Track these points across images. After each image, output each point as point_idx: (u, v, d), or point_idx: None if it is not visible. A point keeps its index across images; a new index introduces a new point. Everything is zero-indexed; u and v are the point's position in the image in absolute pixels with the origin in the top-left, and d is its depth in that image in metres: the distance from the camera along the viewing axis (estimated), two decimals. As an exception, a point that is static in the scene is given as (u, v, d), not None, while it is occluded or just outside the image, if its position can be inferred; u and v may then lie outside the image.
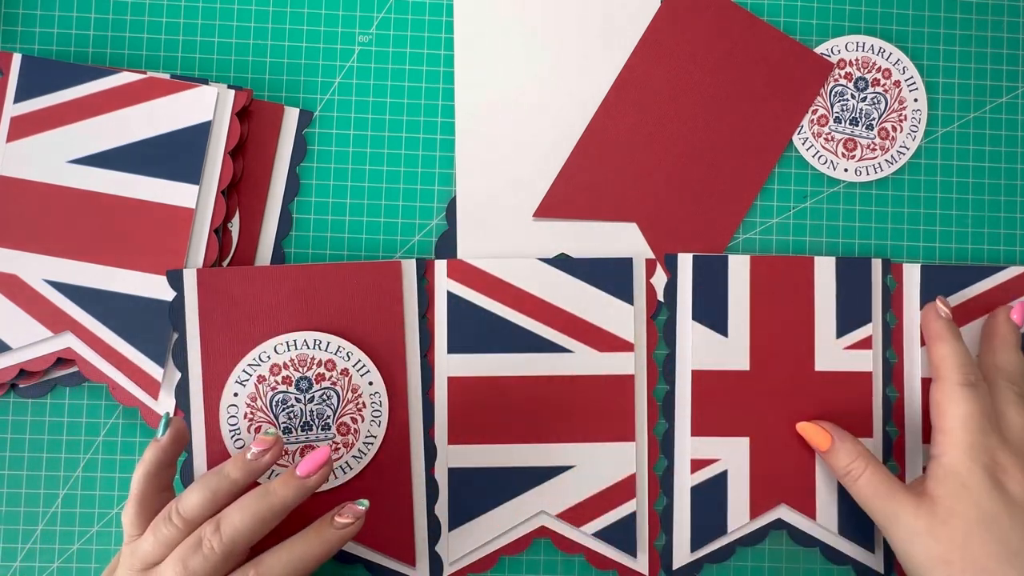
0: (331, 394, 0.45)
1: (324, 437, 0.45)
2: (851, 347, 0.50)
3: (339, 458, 0.45)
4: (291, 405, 0.45)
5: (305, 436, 0.45)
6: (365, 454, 0.46)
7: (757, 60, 0.52)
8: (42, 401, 0.49)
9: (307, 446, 0.45)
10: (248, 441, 0.45)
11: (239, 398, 0.45)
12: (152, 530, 0.39)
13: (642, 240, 0.51)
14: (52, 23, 0.50)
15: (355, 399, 0.45)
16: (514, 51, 0.51)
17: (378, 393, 0.46)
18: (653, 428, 0.50)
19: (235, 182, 0.49)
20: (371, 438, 0.46)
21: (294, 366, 0.45)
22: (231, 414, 0.45)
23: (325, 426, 0.45)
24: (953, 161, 0.54)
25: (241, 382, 0.45)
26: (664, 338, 0.51)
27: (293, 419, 0.45)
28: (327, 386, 0.45)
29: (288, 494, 0.39)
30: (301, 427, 0.45)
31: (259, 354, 0.45)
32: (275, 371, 0.45)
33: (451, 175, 0.51)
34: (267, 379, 0.45)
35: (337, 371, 0.45)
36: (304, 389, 0.45)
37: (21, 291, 0.47)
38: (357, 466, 0.46)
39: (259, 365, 0.45)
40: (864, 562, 0.50)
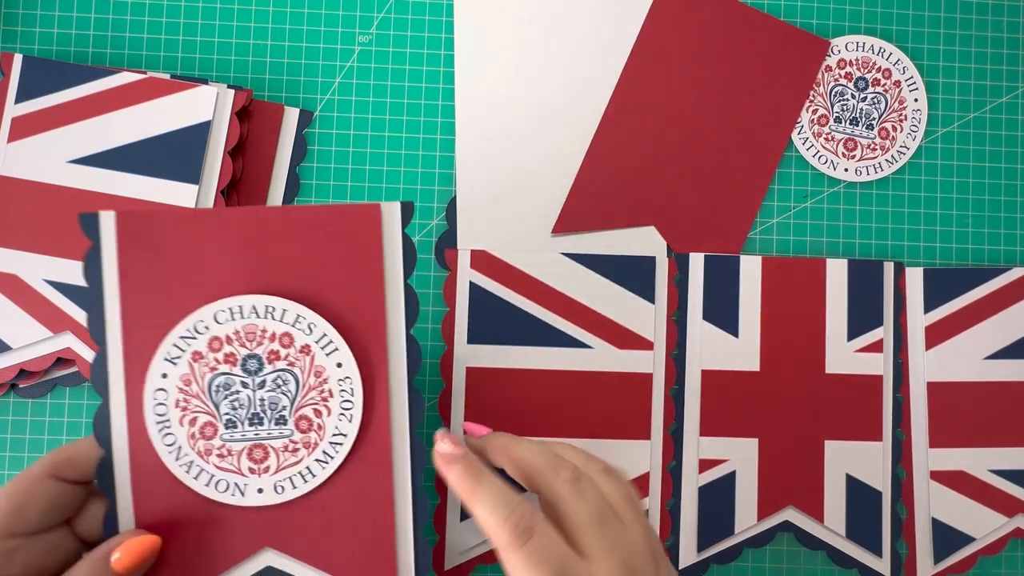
0: (287, 378, 0.35)
1: (279, 433, 0.35)
2: (862, 350, 0.50)
3: (298, 462, 0.35)
4: (235, 391, 0.35)
5: (254, 432, 0.35)
6: (332, 457, 0.35)
7: (754, 48, 0.52)
8: (42, 401, 0.49)
9: (256, 445, 0.35)
10: (181, 438, 0.34)
11: (169, 380, 0.34)
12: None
13: (644, 240, 0.51)
14: (52, 23, 0.50)
15: (319, 385, 0.35)
16: (514, 51, 0.51)
17: (350, 378, 0.35)
18: (669, 428, 0.50)
19: (235, 182, 0.49)
20: (340, 437, 0.35)
21: (239, 340, 0.35)
22: (158, 400, 0.34)
23: (280, 419, 0.35)
24: (953, 161, 0.54)
25: (171, 359, 0.34)
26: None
27: (239, 409, 0.35)
28: (283, 367, 0.35)
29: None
30: (249, 420, 0.35)
31: (194, 324, 0.35)
32: (215, 346, 0.35)
33: (451, 175, 0.51)
34: (205, 356, 0.35)
35: (295, 348, 0.35)
36: (253, 371, 0.35)
37: (21, 291, 0.47)
38: (322, 473, 0.35)
39: (194, 338, 0.35)
40: (871, 566, 0.50)
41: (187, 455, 0.35)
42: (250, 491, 0.35)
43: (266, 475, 0.35)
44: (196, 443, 0.35)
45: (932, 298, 0.51)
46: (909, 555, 0.50)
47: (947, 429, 0.51)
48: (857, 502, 0.49)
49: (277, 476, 0.35)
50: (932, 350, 0.51)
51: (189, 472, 0.35)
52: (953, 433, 0.51)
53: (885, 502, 0.50)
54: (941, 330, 0.51)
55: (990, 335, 0.51)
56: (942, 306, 0.51)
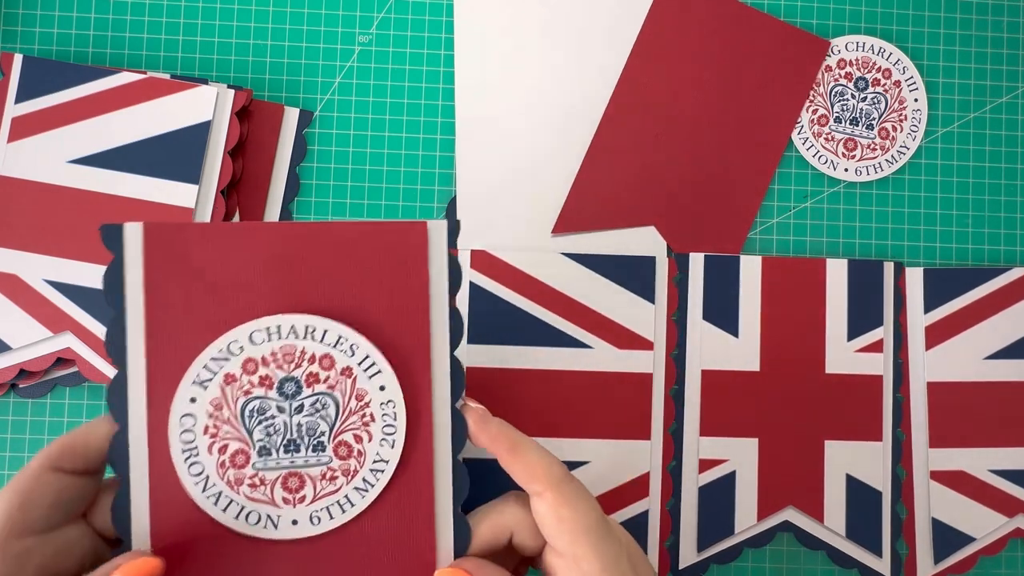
0: (327, 402, 0.33)
1: (316, 461, 0.33)
2: (862, 350, 0.50)
3: (337, 491, 0.33)
4: (271, 416, 0.33)
5: (289, 460, 0.33)
6: (373, 486, 0.33)
7: (754, 48, 0.52)
8: (42, 401, 0.49)
9: (291, 473, 0.33)
10: (209, 467, 0.32)
11: (197, 405, 0.32)
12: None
13: (644, 240, 0.51)
14: (52, 23, 0.50)
15: (360, 409, 0.33)
16: (514, 51, 0.51)
17: (392, 402, 0.33)
18: (669, 428, 0.50)
19: (235, 182, 0.49)
20: (381, 464, 0.33)
21: (276, 362, 0.33)
22: (186, 427, 0.32)
23: (318, 445, 0.33)
24: (953, 161, 0.54)
25: (202, 383, 0.32)
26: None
27: (274, 435, 0.33)
28: (322, 391, 0.33)
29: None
30: (284, 447, 0.33)
31: (227, 344, 0.32)
32: (249, 368, 0.32)
33: (451, 175, 0.51)
34: (238, 379, 0.32)
35: (337, 370, 0.33)
36: (290, 394, 0.33)
37: (21, 291, 0.47)
38: (361, 502, 0.33)
39: (227, 360, 0.32)
40: (871, 566, 0.50)
41: (215, 485, 0.32)
42: (284, 523, 0.33)
43: (301, 505, 0.33)
44: (226, 472, 0.32)
45: (932, 298, 0.51)
46: (909, 555, 0.50)
47: (947, 429, 0.51)
48: (857, 502, 0.49)
49: (313, 506, 0.33)
50: (932, 350, 0.51)
51: (217, 504, 0.32)
52: (953, 433, 0.51)
53: (885, 502, 0.50)
54: (941, 330, 0.51)
55: (990, 335, 0.51)
56: (942, 306, 0.51)
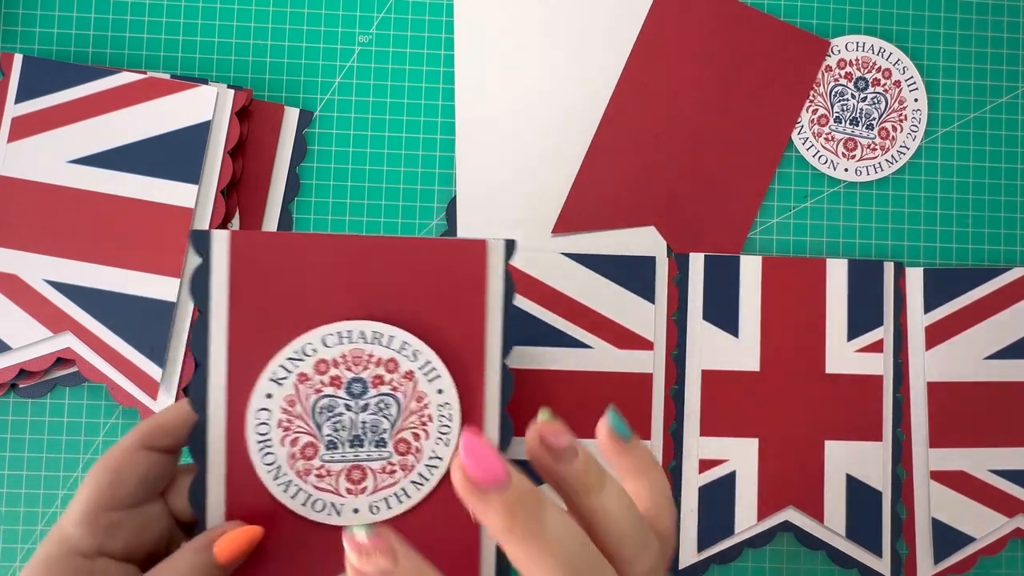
0: (390, 402, 0.36)
1: (378, 455, 0.36)
2: (862, 350, 0.50)
3: (395, 483, 0.36)
4: (339, 413, 0.36)
5: (354, 453, 0.36)
6: (428, 480, 0.36)
7: (754, 48, 0.52)
8: (42, 401, 0.49)
9: (354, 466, 0.36)
10: (281, 458, 0.35)
11: (273, 401, 0.35)
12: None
13: (644, 240, 0.51)
14: (52, 23, 0.50)
15: (420, 410, 0.36)
16: (514, 51, 0.51)
17: (448, 404, 0.36)
18: (669, 428, 0.50)
19: (235, 182, 0.49)
20: (436, 460, 0.36)
21: (346, 364, 0.36)
22: (261, 420, 0.35)
23: (380, 442, 0.36)
24: (953, 161, 0.54)
25: (277, 380, 0.35)
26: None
27: (341, 431, 0.36)
28: (386, 391, 0.36)
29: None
30: (350, 442, 0.36)
31: (303, 346, 0.35)
32: (321, 368, 0.35)
33: (451, 175, 0.51)
34: (311, 378, 0.35)
35: (400, 373, 0.36)
36: (357, 394, 0.36)
37: (21, 291, 0.47)
38: (416, 495, 0.36)
39: (302, 360, 0.35)
40: (871, 566, 0.50)
41: (286, 475, 0.35)
42: (346, 511, 0.35)
43: (363, 495, 0.35)
44: (296, 463, 0.35)
45: (932, 298, 0.51)
46: (909, 555, 0.50)
47: (947, 429, 0.51)
48: (857, 502, 0.49)
49: (373, 496, 0.36)
50: (932, 350, 0.51)
51: (287, 492, 0.35)
52: (953, 433, 0.51)
53: (885, 502, 0.50)
54: (941, 330, 0.51)
55: (990, 335, 0.51)
56: (942, 306, 0.51)
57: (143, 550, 0.34)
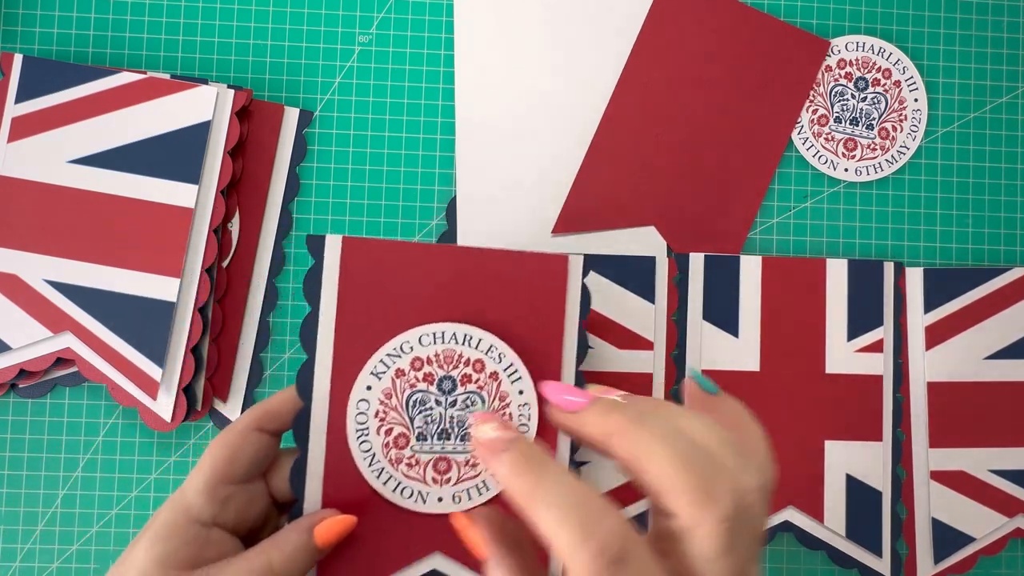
0: (476, 399, 0.39)
1: (462, 449, 0.39)
2: (862, 350, 0.50)
3: (476, 476, 0.39)
4: (429, 407, 0.39)
5: (441, 446, 0.39)
6: None
7: (754, 48, 0.52)
8: (42, 401, 0.49)
9: (441, 457, 0.39)
10: (376, 446, 0.38)
11: (372, 392, 0.38)
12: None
13: (644, 240, 0.51)
14: (52, 23, 0.50)
15: (501, 409, 0.39)
16: (514, 51, 0.51)
17: (528, 404, 0.39)
18: None
19: (235, 182, 0.49)
20: None
21: (439, 362, 0.39)
22: (360, 410, 0.38)
23: (465, 436, 0.39)
24: (953, 161, 0.54)
25: (377, 374, 0.39)
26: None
27: (430, 424, 0.39)
28: (472, 390, 0.39)
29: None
30: (438, 435, 0.39)
31: (401, 343, 0.39)
32: (416, 365, 0.39)
33: (451, 175, 0.51)
34: (407, 374, 0.39)
35: (486, 373, 0.39)
36: (447, 390, 0.39)
37: (21, 291, 0.47)
38: (495, 487, 0.39)
39: (400, 356, 0.39)
40: (871, 566, 0.50)
41: (379, 462, 0.38)
42: (431, 498, 0.38)
43: (447, 485, 0.39)
44: (389, 451, 0.38)
45: (932, 298, 0.51)
46: (909, 555, 0.50)
47: (947, 429, 0.51)
48: (857, 502, 0.49)
49: (457, 487, 0.39)
50: (932, 350, 0.51)
51: (379, 478, 0.38)
52: (953, 433, 0.51)
53: (885, 502, 0.50)
54: (941, 330, 0.51)
55: (990, 335, 0.51)
56: (942, 306, 0.51)
57: (247, 525, 0.37)
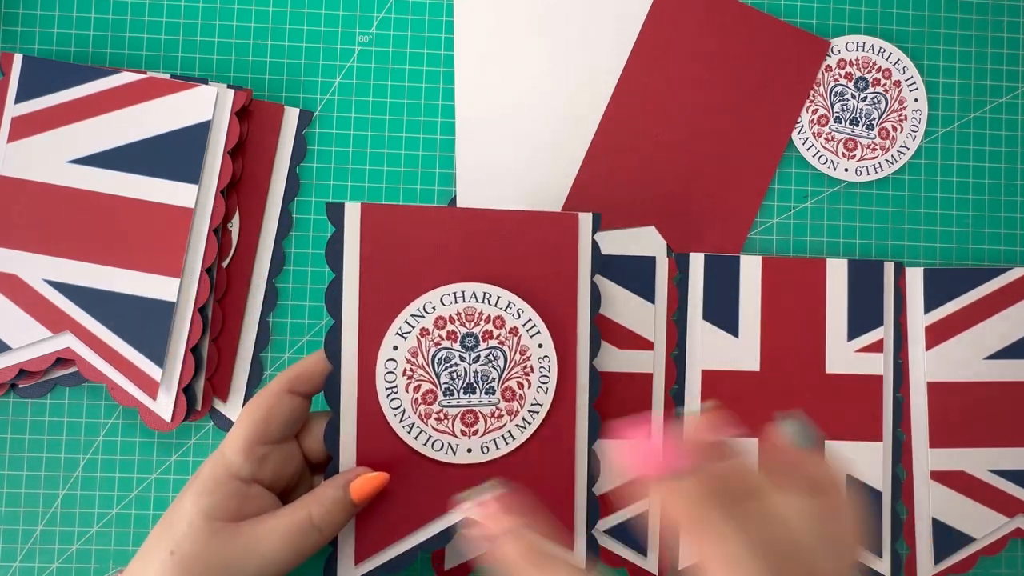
0: (498, 354, 0.41)
1: (488, 401, 0.41)
2: (862, 350, 0.50)
3: (502, 426, 0.41)
4: (454, 364, 0.41)
5: (467, 399, 0.41)
6: (530, 424, 0.41)
7: (753, 48, 0.52)
8: (42, 401, 0.49)
9: (468, 411, 0.41)
10: (406, 403, 0.40)
11: (399, 352, 0.40)
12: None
13: (644, 240, 0.51)
14: (52, 23, 0.50)
15: (523, 362, 0.41)
16: (514, 51, 0.51)
17: (548, 357, 0.41)
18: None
19: (235, 182, 0.49)
20: (537, 406, 0.41)
21: (460, 320, 0.41)
22: (389, 369, 0.40)
23: (489, 389, 0.41)
24: (953, 161, 0.54)
25: (402, 334, 0.40)
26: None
27: (456, 379, 0.41)
28: (494, 345, 0.41)
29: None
30: (464, 389, 0.41)
31: (424, 304, 0.40)
32: (439, 324, 0.40)
33: (451, 175, 0.51)
34: (431, 333, 0.40)
35: (506, 329, 0.41)
36: (470, 347, 0.41)
37: (21, 291, 0.46)
38: (520, 436, 0.41)
39: (423, 317, 0.40)
40: (871, 566, 0.49)
41: (410, 418, 0.40)
42: (461, 450, 0.40)
43: (475, 437, 0.41)
44: (418, 408, 0.40)
45: (932, 298, 0.51)
46: (909, 555, 0.50)
47: (947, 429, 0.51)
48: (857, 502, 0.48)
49: (484, 438, 0.41)
50: (932, 350, 0.51)
51: (410, 433, 0.40)
52: (953, 433, 0.51)
53: (885, 502, 0.50)
54: (941, 330, 0.51)
55: (990, 335, 0.51)
56: (942, 306, 0.51)
57: (282, 483, 0.39)
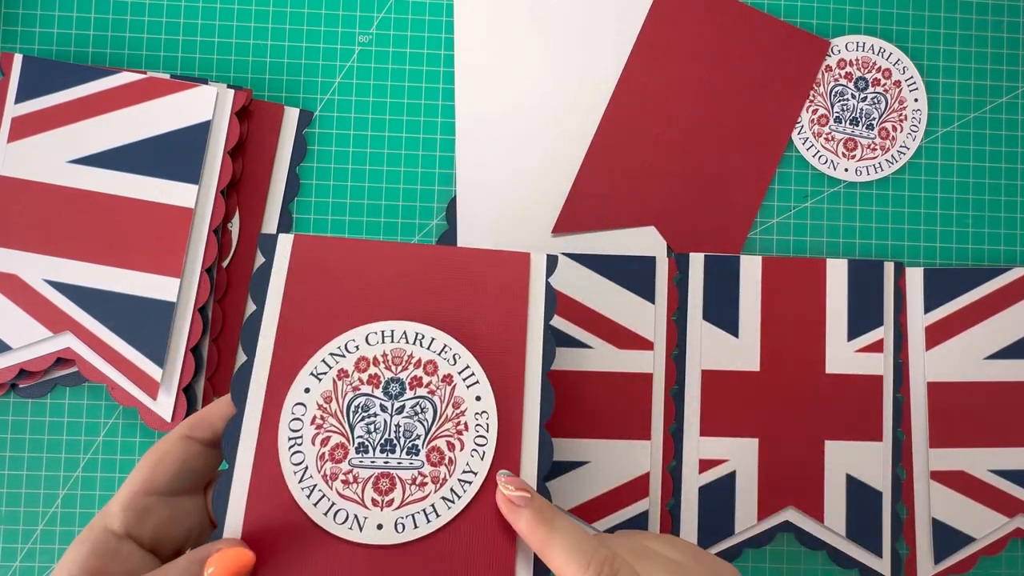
0: (426, 405, 0.35)
1: (409, 464, 0.34)
2: (862, 350, 0.50)
3: (424, 498, 0.34)
4: (373, 413, 0.35)
5: (384, 459, 0.34)
6: (459, 497, 0.34)
7: (754, 48, 0.52)
8: (42, 401, 0.49)
9: (383, 474, 0.34)
10: (309, 458, 0.34)
11: (310, 396, 0.35)
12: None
13: (644, 240, 0.51)
14: (52, 23, 0.50)
15: (456, 417, 0.35)
16: (514, 51, 0.51)
17: (486, 413, 0.35)
18: (669, 427, 0.50)
19: (235, 182, 0.49)
20: (470, 475, 0.34)
21: (386, 363, 0.36)
22: (296, 415, 0.34)
23: (412, 448, 0.34)
24: (953, 161, 0.54)
25: (317, 375, 0.35)
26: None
27: (373, 433, 0.34)
28: (423, 394, 0.35)
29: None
30: (381, 446, 0.34)
31: (346, 342, 0.36)
32: (361, 366, 0.35)
33: (451, 175, 0.51)
34: (350, 375, 0.35)
35: (438, 376, 0.36)
36: (393, 395, 0.35)
37: (21, 291, 0.46)
38: (446, 514, 0.34)
39: (344, 356, 0.35)
40: (871, 566, 0.50)
41: (312, 477, 0.34)
42: (369, 525, 0.33)
43: (389, 509, 0.34)
44: (324, 465, 0.34)
45: (932, 298, 0.51)
46: (909, 555, 0.50)
47: (947, 429, 0.51)
48: (857, 502, 0.49)
49: (400, 511, 0.34)
50: (932, 350, 0.51)
51: (310, 497, 0.33)
52: (953, 433, 0.51)
53: (885, 502, 0.50)
54: (941, 330, 0.51)
55: (990, 335, 0.51)
56: (942, 306, 0.51)
57: (171, 544, 0.34)
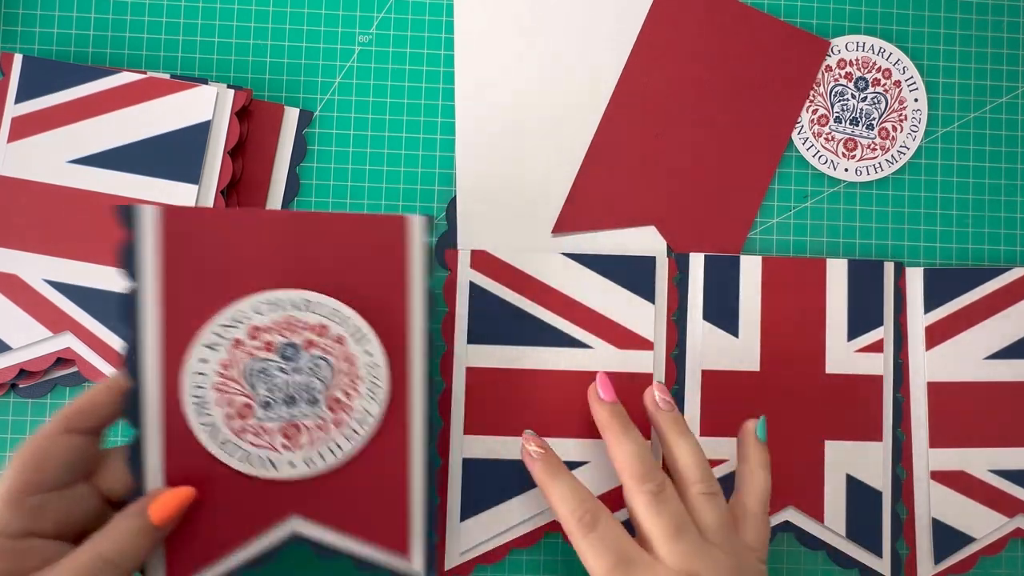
0: (322, 364, 0.39)
1: (310, 413, 0.39)
2: (862, 350, 0.50)
3: (328, 437, 0.39)
4: (272, 375, 0.38)
5: (288, 412, 0.38)
6: (358, 433, 0.39)
7: (753, 48, 0.52)
8: (42, 401, 0.49)
9: (290, 424, 0.38)
10: (217, 418, 0.38)
11: (208, 365, 0.38)
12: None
13: (644, 240, 0.51)
14: (52, 23, 0.50)
15: (349, 370, 0.39)
16: (514, 50, 0.51)
17: (377, 365, 0.39)
18: None
19: (235, 182, 0.49)
20: (366, 416, 0.39)
21: (279, 330, 0.38)
22: (197, 383, 0.37)
23: (312, 400, 0.39)
24: (953, 161, 0.54)
25: (212, 346, 0.38)
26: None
27: (275, 391, 0.38)
28: (318, 355, 0.39)
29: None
30: (284, 401, 0.38)
31: (235, 314, 0.38)
32: (254, 335, 0.38)
33: (451, 175, 0.51)
34: (244, 344, 0.38)
35: (331, 337, 0.39)
36: (290, 357, 0.38)
37: (21, 291, 0.47)
38: (349, 447, 0.39)
39: (235, 327, 0.38)
40: (871, 566, 0.50)
41: (222, 433, 0.38)
42: (282, 464, 0.38)
43: (298, 450, 0.38)
44: (232, 422, 0.38)
45: (932, 298, 0.51)
46: (909, 555, 0.50)
47: (947, 429, 0.51)
48: (857, 502, 0.49)
49: (308, 451, 0.38)
50: (932, 350, 0.51)
51: (224, 449, 0.37)
52: (953, 433, 0.51)
53: (885, 502, 0.50)
54: (941, 330, 0.51)
55: (990, 335, 0.51)
56: (942, 306, 0.51)
57: (74, 528, 0.35)
